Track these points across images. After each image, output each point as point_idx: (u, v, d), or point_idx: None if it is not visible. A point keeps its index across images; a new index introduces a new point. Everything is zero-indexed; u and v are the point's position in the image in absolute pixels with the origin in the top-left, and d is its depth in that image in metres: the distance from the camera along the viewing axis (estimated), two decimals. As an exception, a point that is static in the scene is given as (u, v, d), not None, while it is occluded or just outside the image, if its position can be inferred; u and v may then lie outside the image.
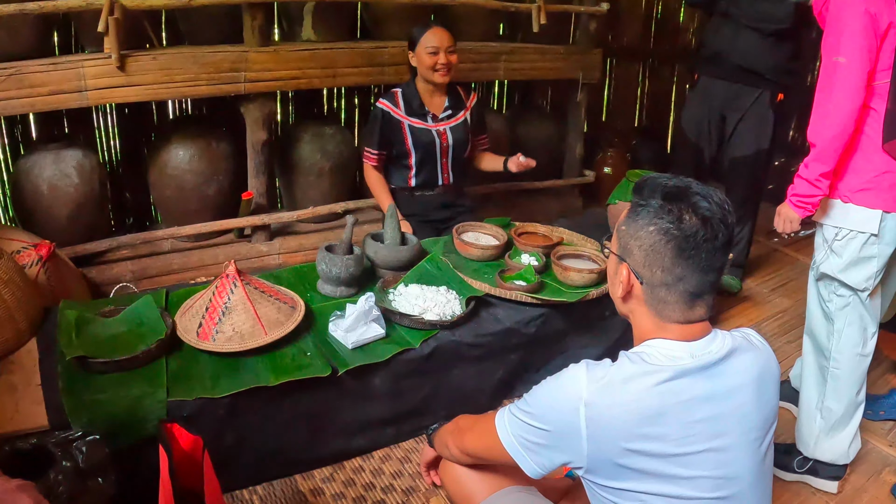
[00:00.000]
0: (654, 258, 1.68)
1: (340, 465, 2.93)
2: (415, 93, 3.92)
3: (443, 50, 3.74)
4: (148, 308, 2.88)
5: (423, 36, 3.76)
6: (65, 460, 2.03)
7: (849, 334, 2.89)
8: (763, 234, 5.55)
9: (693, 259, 1.64)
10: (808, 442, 3.01)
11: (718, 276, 1.69)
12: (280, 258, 4.55)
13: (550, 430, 1.70)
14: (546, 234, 3.86)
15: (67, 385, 2.48)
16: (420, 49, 3.78)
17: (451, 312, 3.08)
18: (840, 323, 2.88)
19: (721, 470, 1.65)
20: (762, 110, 4.31)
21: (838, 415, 2.95)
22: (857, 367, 2.93)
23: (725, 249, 1.66)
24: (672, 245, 1.64)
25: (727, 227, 1.65)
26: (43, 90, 3.58)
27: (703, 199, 1.65)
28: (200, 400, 2.50)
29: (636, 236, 1.71)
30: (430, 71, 3.79)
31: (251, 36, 4.03)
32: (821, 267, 2.88)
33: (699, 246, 1.63)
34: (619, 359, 1.70)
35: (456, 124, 3.96)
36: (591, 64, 5.40)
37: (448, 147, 3.94)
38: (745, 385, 1.69)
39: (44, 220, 3.88)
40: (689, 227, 1.63)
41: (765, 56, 4.19)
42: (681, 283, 1.66)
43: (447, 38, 3.77)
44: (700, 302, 1.69)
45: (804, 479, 3.06)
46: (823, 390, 2.97)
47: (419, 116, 3.91)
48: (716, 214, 1.64)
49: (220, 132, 4.45)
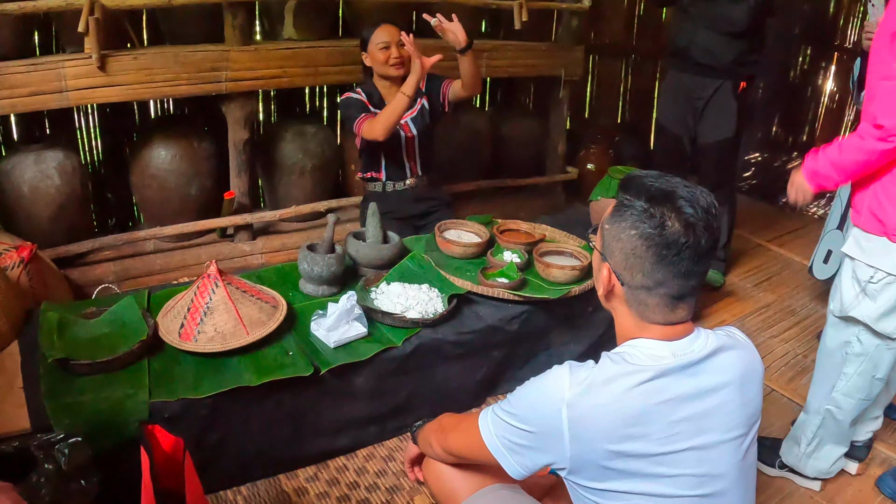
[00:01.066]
0: (635, 262, 1.67)
1: (324, 465, 2.94)
2: (374, 91, 3.92)
3: (393, 44, 3.77)
4: (130, 309, 2.87)
5: (374, 34, 3.79)
6: (47, 463, 2.02)
7: (857, 383, 2.76)
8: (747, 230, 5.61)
9: (674, 265, 1.63)
10: (791, 460, 3.03)
11: (701, 280, 1.69)
12: (263, 258, 4.55)
13: (533, 431, 1.70)
14: (528, 231, 3.86)
15: (49, 387, 2.48)
16: (372, 47, 3.80)
17: (433, 310, 3.09)
18: (852, 368, 2.74)
19: (704, 467, 1.65)
20: (724, 99, 4.39)
21: (825, 443, 2.94)
22: (855, 410, 2.84)
23: (709, 254, 1.66)
24: (653, 251, 1.64)
25: (711, 232, 1.64)
26: (23, 91, 3.57)
27: (688, 203, 1.63)
28: (183, 400, 2.50)
29: (618, 238, 1.70)
30: (384, 66, 3.81)
31: (232, 35, 4.03)
32: (852, 311, 2.64)
33: (681, 252, 1.62)
34: (601, 360, 1.69)
35: (415, 115, 3.94)
36: (574, 61, 5.43)
37: (413, 138, 3.93)
38: (728, 383, 1.69)
39: (25, 222, 3.87)
40: (672, 233, 1.62)
41: (723, 52, 4.27)
42: (661, 288, 1.66)
43: (395, 32, 3.79)
44: (682, 304, 1.69)
45: (787, 476, 3.07)
46: (815, 421, 2.91)
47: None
48: (700, 221, 1.62)
49: (201, 132, 4.46)
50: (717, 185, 4.58)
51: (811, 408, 2.93)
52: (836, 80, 6.75)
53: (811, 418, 2.92)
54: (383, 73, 3.84)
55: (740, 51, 4.26)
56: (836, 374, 2.80)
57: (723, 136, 4.46)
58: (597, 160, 6.08)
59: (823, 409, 2.86)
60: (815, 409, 2.90)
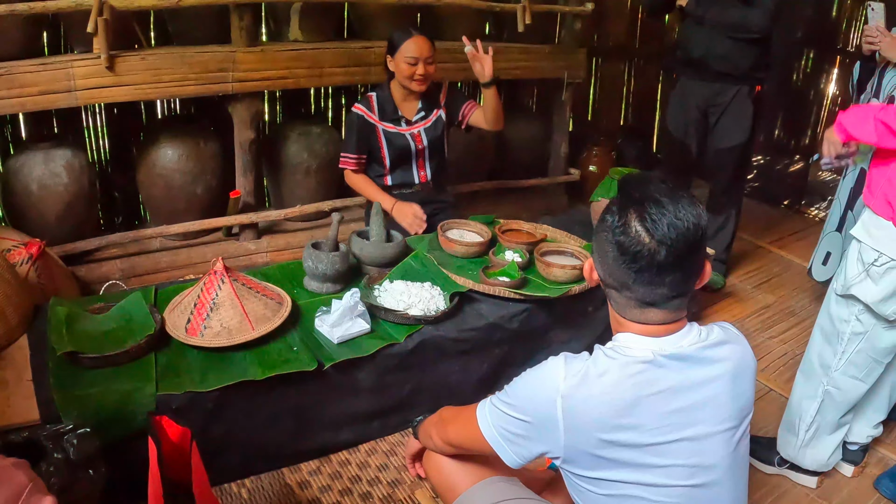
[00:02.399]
0: (603, 261, 1.73)
1: (327, 459, 2.98)
2: (389, 97, 3.89)
3: (422, 60, 3.70)
4: (137, 304, 2.92)
5: (404, 44, 3.70)
6: (56, 453, 2.07)
7: (855, 360, 2.80)
8: (748, 232, 5.65)
9: (639, 273, 1.65)
10: (790, 452, 3.04)
11: (671, 291, 1.68)
12: (268, 256, 4.58)
13: (529, 421, 1.74)
14: (530, 231, 3.89)
15: (58, 380, 2.52)
16: (399, 57, 3.73)
17: (435, 308, 3.12)
18: (851, 347, 2.78)
19: (695, 458, 1.68)
20: (742, 103, 4.41)
21: (823, 431, 2.96)
22: (853, 391, 2.86)
23: (673, 268, 1.65)
24: (614, 254, 1.67)
25: (672, 247, 1.62)
26: (33, 90, 3.61)
27: (654, 212, 1.63)
28: (189, 394, 2.54)
29: (597, 238, 1.76)
30: (407, 80, 3.76)
31: (238, 36, 4.07)
32: (853, 288, 2.68)
33: (636, 260, 1.64)
34: (594, 352, 1.73)
35: (429, 125, 3.94)
36: (576, 63, 5.46)
37: (424, 149, 3.94)
38: (720, 376, 1.71)
39: (34, 219, 3.91)
40: (632, 240, 1.63)
41: (739, 59, 4.29)
42: (627, 290, 1.70)
43: (427, 48, 3.72)
44: (653, 309, 1.70)
45: (784, 473, 3.10)
46: (813, 405, 2.93)
47: (392, 121, 3.89)
48: (660, 232, 1.61)
49: (207, 132, 4.49)
50: (727, 188, 4.64)
51: (807, 393, 2.95)
52: (839, 84, 6.75)
53: (808, 403, 2.94)
54: (405, 84, 3.81)
55: (755, 55, 4.29)
56: (831, 352, 2.84)
57: (738, 140, 4.49)
58: (599, 162, 6.11)
59: (822, 390, 2.89)
60: (811, 394, 2.93)
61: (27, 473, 1.55)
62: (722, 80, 4.38)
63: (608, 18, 6.35)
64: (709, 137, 4.62)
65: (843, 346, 2.79)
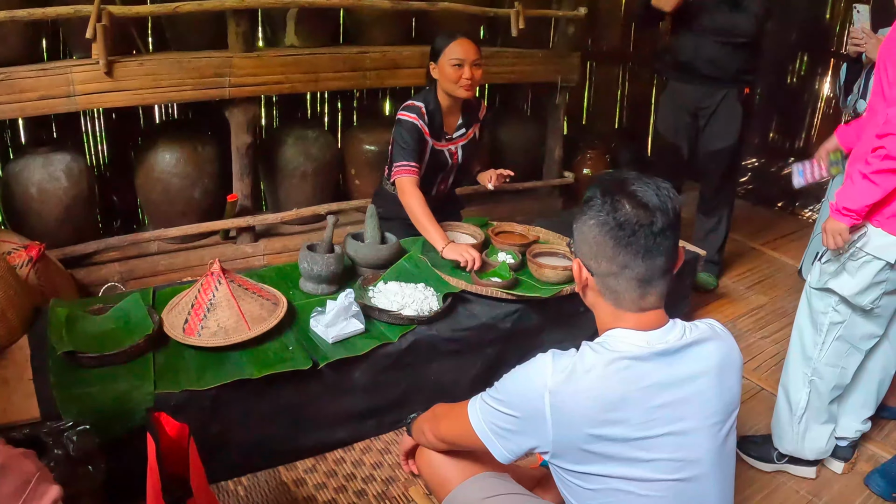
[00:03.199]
0: (598, 249, 1.76)
1: (322, 457, 3.01)
2: (437, 109, 3.69)
3: (468, 63, 3.52)
4: (136, 305, 2.96)
5: (448, 47, 3.53)
6: (56, 449, 2.09)
7: (835, 347, 2.87)
8: (741, 233, 5.68)
9: (633, 245, 1.70)
10: (788, 445, 3.08)
11: (667, 262, 1.74)
12: (265, 259, 4.62)
13: (518, 416, 1.78)
14: (522, 233, 3.92)
15: (58, 379, 2.56)
16: (443, 61, 3.55)
17: (428, 308, 3.15)
18: (830, 336, 2.87)
19: (681, 452, 1.72)
20: (731, 105, 4.46)
21: (815, 419, 3.02)
22: (836, 378, 2.94)
23: (666, 234, 1.71)
24: (611, 234, 1.72)
25: (665, 212, 1.71)
26: (32, 95, 3.64)
27: (638, 188, 1.73)
28: (186, 392, 2.57)
29: (581, 231, 1.80)
30: (453, 85, 3.56)
31: (235, 42, 4.11)
32: (830, 282, 2.78)
33: (636, 233, 1.69)
34: (581, 348, 1.76)
35: (467, 142, 3.87)
36: (570, 67, 5.50)
37: (456, 166, 3.88)
38: (705, 372, 1.75)
39: (33, 223, 3.95)
40: (623, 214, 1.70)
41: (727, 62, 4.34)
42: (627, 271, 1.73)
43: (473, 50, 3.54)
44: (651, 288, 1.75)
45: (784, 468, 3.14)
46: (802, 395, 2.99)
47: (437, 137, 3.73)
48: (651, 200, 1.70)
49: (205, 136, 4.53)
50: (718, 190, 4.68)
51: (795, 384, 3.01)
52: (832, 86, 6.79)
53: (797, 394, 3.00)
54: (450, 91, 3.61)
55: (743, 58, 4.34)
56: (812, 343, 2.92)
57: (728, 142, 4.54)
58: (593, 165, 6.15)
59: (807, 380, 2.96)
60: (799, 382, 2.99)
61: (35, 463, 1.60)
62: (710, 83, 4.43)
63: (602, 23, 6.38)
64: (699, 140, 4.67)
65: (823, 336, 2.88)
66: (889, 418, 3.53)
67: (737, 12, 4.18)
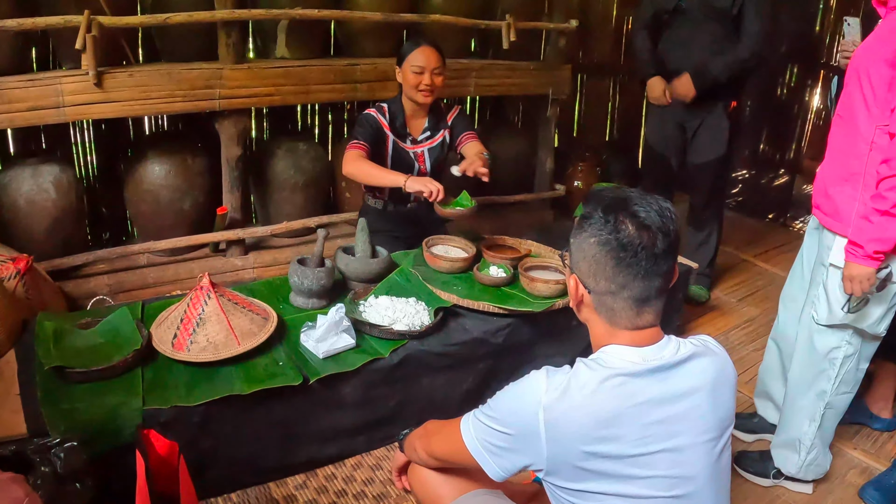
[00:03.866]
0: (597, 268, 1.74)
1: (313, 473, 2.99)
2: (400, 110, 3.81)
3: (428, 70, 3.62)
4: (124, 319, 2.94)
5: (411, 53, 3.64)
6: (43, 466, 2.07)
7: (846, 379, 2.87)
8: (732, 245, 5.69)
9: (633, 267, 1.69)
10: (792, 469, 3.08)
11: (664, 282, 1.74)
12: (255, 272, 4.59)
13: (512, 433, 1.76)
14: (514, 246, 3.92)
15: (46, 394, 2.53)
16: (406, 66, 3.66)
17: (419, 323, 3.14)
18: (844, 368, 2.85)
19: (676, 469, 1.70)
20: (717, 119, 4.47)
21: (823, 445, 3.04)
22: (845, 403, 2.97)
23: (666, 256, 1.71)
24: (612, 255, 1.71)
25: (666, 234, 1.71)
26: (21, 106, 3.62)
27: (641, 208, 1.71)
28: (175, 408, 2.55)
29: (581, 248, 1.78)
30: (413, 90, 3.68)
31: (226, 53, 4.10)
32: (848, 320, 2.72)
33: (637, 254, 1.68)
34: (576, 365, 1.75)
35: (433, 146, 3.91)
36: (561, 80, 5.50)
37: (425, 172, 3.89)
38: (699, 388, 1.74)
39: (21, 235, 3.91)
40: (626, 236, 1.69)
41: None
42: (625, 291, 1.72)
43: (435, 58, 3.65)
44: (647, 307, 1.75)
45: (782, 484, 3.14)
46: (812, 428, 2.98)
47: (400, 137, 3.83)
48: (654, 222, 1.70)
49: (195, 148, 4.51)
50: (707, 203, 4.68)
51: (804, 415, 2.99)
52: (822, 98, 6.81)
53: (807, 427, 2.98)
54: (411, 95, 3.72)
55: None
56: (825, 378, 2.89)
57: (715, 155, 4.55)
58: (584, 178, 6.14)
59: (819, 414, 2.94)
60: (809, 416, 2.97)
61: (23, 488, 1.58)
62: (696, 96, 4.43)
63: (593, 35, 6.38)
64: (686, 152, 4.68)
65: (836, 370, 2.86)
66: (881, 430, 3.55)
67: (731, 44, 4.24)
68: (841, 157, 2.71)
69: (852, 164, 2.64)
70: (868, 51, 2.60)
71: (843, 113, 2.72)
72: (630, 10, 6.46)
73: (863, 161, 2.60)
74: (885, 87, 2.50)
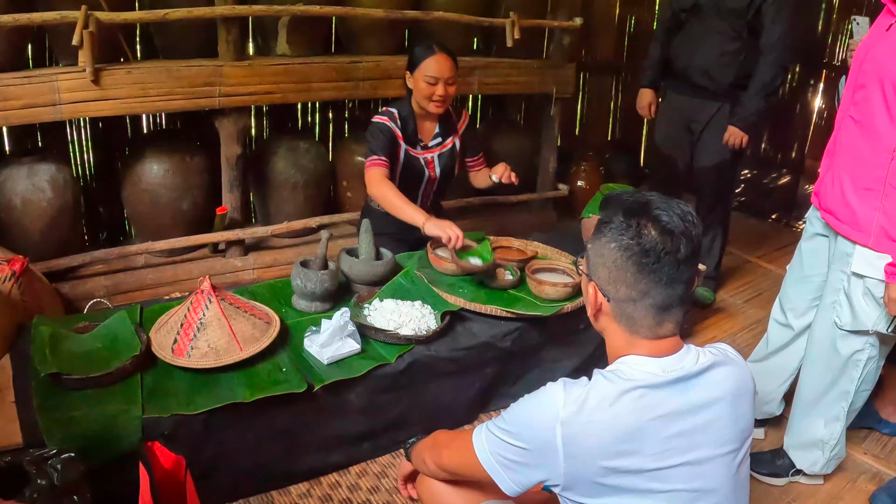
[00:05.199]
0: (618, 274, 1.69)
1: (317, 481, 2.94)
2: (410, 115, 3.72)
3: (442, 80, 3.53)
4: (122, 324, 2.88)
5: (424, 62, 3.54)
6: (40, 478, 2.02)
7: (867, 377, 2.87)
8: (737, 247, 5.65)
9: (656, 273, 1.65)
10: (817, 469, 3.08)
11: (686, 289, 1.70)
12: (255, 273, 4.54)
13: (528, 448, 1.70)
14: (520, 248, 3.87)
15: (42, 402, 2.47)
16: (418, 74, 3.56)
17: (426, 327, 3.10)
18: (866, 369, 2.85)
19: (696, 482, 1.66)
20: (724, 121, 4.40)
21: (843, 439, 3.03)
22: (864, 399, 2.98)
23: (690, 262, 1.67)
24: (633, 260, 1.66)
25: (690, 239, 1.66)
26: (17, 103, 3.58)
27: (663, 212, 1.66)
28: (176, 416, 2.50)
29: (600, 254, 1.73)
30: (425, 100, 3.59)
31: (226, 50, 4.05)
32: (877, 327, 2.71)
33: (660, 259, 1.64)
34: (594, 377, 1.70)
35: (444, 151, 3.84)
36: (565, 78, 5.46)
37: (435, 179, 3.85)
38: (720, 399, 1.69)
39: (17, 235, 3.86)
40: (649, 241, 1.64)
41: (720, 75, 4.32)
42: (646, 298, 1.67)
43: (449, 67, 3.55)
44: (668, 316, 1.70)
45: (795, 479, 3.14)
46: (837, 427, 2.98)
47: (411, 143, 3.74)
48: (677, 227, 1.65)
49: (194, 146, 4.46)
50: (713, 206, 4.64)
51: (825, 415, 2.98)
52: (825, 98, 6.79)
53: (832, 427, 2.98)
54: (422, 104, 3.64)
55: (735, 72, 4.29)
56: (848, 379, 2.88)
57: (720, 158, 4.49)
58: (588, 177, 6.11)
59: (843, 413, 2.95)
60: (833, 416, 2.97)
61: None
62: (702, 95, 4.42)
63: (596, 34, 6.37)
64: (693, 154, 4.63)
65: (860, 372, 2.85)
66: (891, 434, 3.52)
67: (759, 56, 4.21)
68: (859, 163, 2.65)
69: (873, 172, 2.59)
70: (888, 53, 2.54)
71: (858, 116, 2.66)
72: (633, 9, 6.43)
73: (884, 170, 2.55)
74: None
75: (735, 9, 4.16)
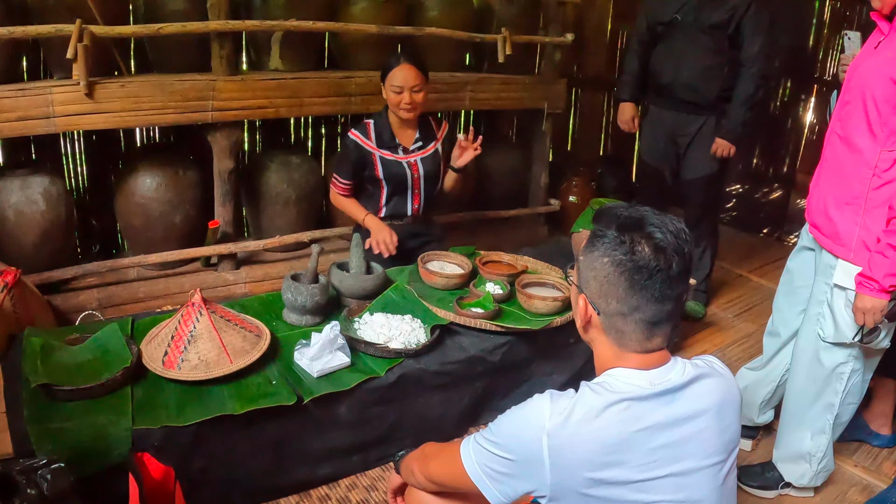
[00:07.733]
0: (609, 289, 1.70)
1: (307, 494, 2.94)
2: (386, 124, 3.85)
3: (407, 89, 3.66)
4: (113, 336, 2.88)
5: (391, 72, 3.68)
6: (29, 488, 2.02)
7: (853, 390, 2.88)
8: (727, 261, 5.66)
9: (647, 289, 1.65)
10: (805, 482, 3.09)
11: (676, 305, 1.71)
12: (246, 287, 4.54)
13: (514, 459, 1.71)
14: (511, 262, 3.89)
15: (32, 413, 2.48)
16: (387, 84, 3.71)
17: (415, 341, 3.11)
18: (850, 382, 2.86)
19: (683, 493, 1.67)
20: (710, 135, 4.44)
21: (830, 452, 3.03)
22: (851, 414, 2.99)
23: (681, 279, 1.68)
24: (625, 276, 1.66)
25: (682, 256, 1.67)
26: (11, 116, 3.57)
27: (657, 229, 1.67)
28: (166, 428, 2.50)
29: (592, 267, 1.73)
30: (394, 107, 3.74)
31: (219, 65, 4.06)
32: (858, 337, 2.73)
33: (652, 276, 1.65)
34: (580, 389, 1.71)
35: (426, 156, 3.91)
36: (556, 94, 5.48)
37: (419, 179, 3.90)
38: (705, 410, 1.70)
39: (9, 247, 3.85)
40: (642, 257, 1.65)
41: (705, 89, 4.36)
42: (637, 313, 1.68)
43: (413, 76, 3.67)
44: (658, 331, 1.71)
45: (784, 493, 3.14)
46: (823, 440, 2.98)
47: (389, 149, 3.84)
48: (670, 244, 1.66)
49: (187, 160, 4.46)
50: (701, 219, 4.66)
51: (811, 427, 2.99)
52: (816, 112, 6.81)
53: (818, 440, 2.99)
54: (394, 111, 3.79)
55: (720, 86, 4.32)
56: (832, 392, 2.89)
57: (708, 171, 4.52)
58: (579, 192, 6.11)
59: (829, 426, 2.95)
60: (818, 429, 2.97)
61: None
62: (687, 109, 4.45)
63: (588, 49, 6.40)
64: (679, 166, 4.66)
65: (844, 384, 2.86)
66: (881, 446, 3.53)
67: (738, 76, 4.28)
68: (842, 178, 2.68)
69: (854, 187, 2.62)
70: (873, 70, 2.56)
71: (842, 132, 2.69)
72: (625, 24, 6.45)
73: (865, 185, 2.58)
74: (891, 108, 2.48)
75: (716, 24, 4.20)
